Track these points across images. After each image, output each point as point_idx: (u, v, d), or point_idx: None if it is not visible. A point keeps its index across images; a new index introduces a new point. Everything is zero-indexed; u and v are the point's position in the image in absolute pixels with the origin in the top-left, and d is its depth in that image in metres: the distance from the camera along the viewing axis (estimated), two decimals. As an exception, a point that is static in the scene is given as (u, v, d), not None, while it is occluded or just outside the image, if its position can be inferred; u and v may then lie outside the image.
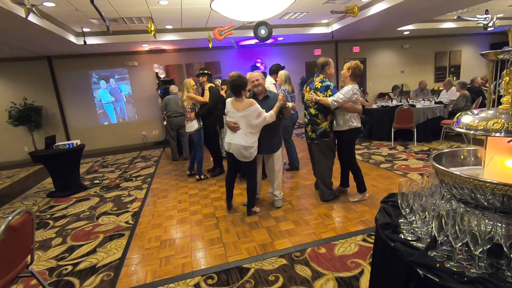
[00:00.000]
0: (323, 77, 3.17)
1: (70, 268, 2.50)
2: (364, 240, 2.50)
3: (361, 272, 2.08)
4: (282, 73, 4.38)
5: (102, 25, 5.65)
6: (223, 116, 4.76)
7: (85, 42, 5.44)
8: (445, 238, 1.07)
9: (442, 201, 1.27)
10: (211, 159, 5.07)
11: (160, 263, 2.45)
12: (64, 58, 7.62)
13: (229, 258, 2.42)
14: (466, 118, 1.13)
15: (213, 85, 4.62)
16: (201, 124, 4.50)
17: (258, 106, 2.96)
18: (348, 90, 3.01)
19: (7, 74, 7.38)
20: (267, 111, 2.99)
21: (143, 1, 4.72)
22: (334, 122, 3.20)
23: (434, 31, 9.38)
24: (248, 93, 3.24)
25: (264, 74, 4.68)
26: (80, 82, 7.91)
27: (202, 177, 4.68)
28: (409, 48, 10.39)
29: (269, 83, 4.38)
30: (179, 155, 6.36)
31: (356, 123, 3.14)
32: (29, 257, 1.92)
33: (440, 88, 7.98)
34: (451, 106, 6.09)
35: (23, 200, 4.52)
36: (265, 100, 3.13)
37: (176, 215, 3.42)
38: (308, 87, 3.27)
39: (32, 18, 4.30)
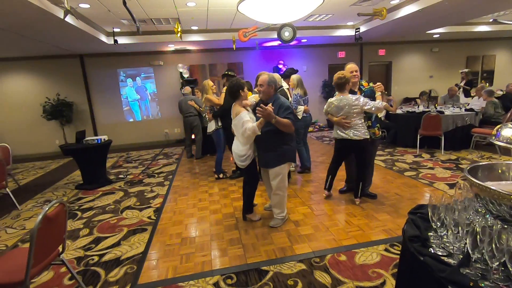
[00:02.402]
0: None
1: (96, 258, 2.62)
2: (386, 250, 2.43)
3: (383, 283, 2.03)
4: (294, 77, 4.40)
5: (131, 25, 5.87)
6: None
7: (116, 41, 5.66)
8: (479, 256, 1.03)
9: (477, 216, 1.22)
10: (231, 159, 5.12)
11: (180, 260, 2.51)
12: (94, 57, 7.99)
13: (248, 259, 2.44)
14: (507, 131, 1.08)
15: (215, 87, 4.67)
16: (219, 124, 4.57)
17: (244, 115, 2.76)
18: None
19: (43, 71, 7.84)
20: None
21: (171, 3, 4.86)
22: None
23: (466, 35, 8.96)
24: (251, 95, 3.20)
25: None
26: (109, 80, 8.26)
27: (221, 176, 4.75)
28: (438, 52, 9.99)
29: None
30: (191, 156, 6.48)
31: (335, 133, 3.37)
32: (60, 246, 2.03)
33: (472, 94, 7.60)
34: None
35: (54, 191, 4.78)
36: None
37: (196, 213, 3.49)
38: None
39: (68, 19, 4.54)
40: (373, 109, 3.06)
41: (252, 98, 3.04)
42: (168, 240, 2.87)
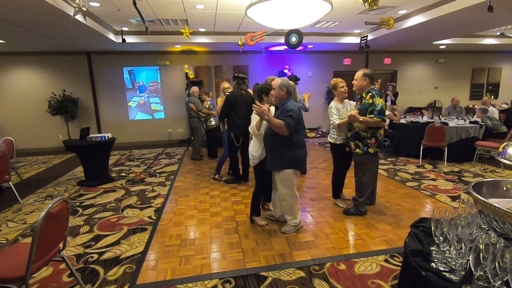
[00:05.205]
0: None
1: (95, 256, 2.63)
2: (386, 260, 2.42)
3: (382, 294, 2.02)
4: None
5: (140, 25, 5.92)
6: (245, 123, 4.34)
7: (124, 40, 5.70)
8: (482, 274, 1.03)
9: (481, 232, 1.21)
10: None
11: (180, 262, 2.51)
12: (101, 54, 8.04)
13: (247, 264, 2.43)
14: (514, 150, 1.08)
15: (230, 89, 4.45)
16: (226, 128, 4.60)
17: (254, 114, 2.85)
18: None
19: (50, 66, 7.91)
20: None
21: (180, 4, 4.90)
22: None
23: (473, 47, 8.95)
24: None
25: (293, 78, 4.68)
26: (114, 78, 8.30)
27: (216, 177, 4.80)
28: (444, 63, 9.98)
29: None
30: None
31: None
32: (61, 243, 2.04)
33: (476, 107, 7.59)
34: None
35: (55, 186, 4.80)
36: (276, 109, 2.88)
37: (196, 215, 3.50)
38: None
39: (78, 16, 4.58)
40: (331, 122, 3.33)
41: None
42: (167, 241, 2.88)
